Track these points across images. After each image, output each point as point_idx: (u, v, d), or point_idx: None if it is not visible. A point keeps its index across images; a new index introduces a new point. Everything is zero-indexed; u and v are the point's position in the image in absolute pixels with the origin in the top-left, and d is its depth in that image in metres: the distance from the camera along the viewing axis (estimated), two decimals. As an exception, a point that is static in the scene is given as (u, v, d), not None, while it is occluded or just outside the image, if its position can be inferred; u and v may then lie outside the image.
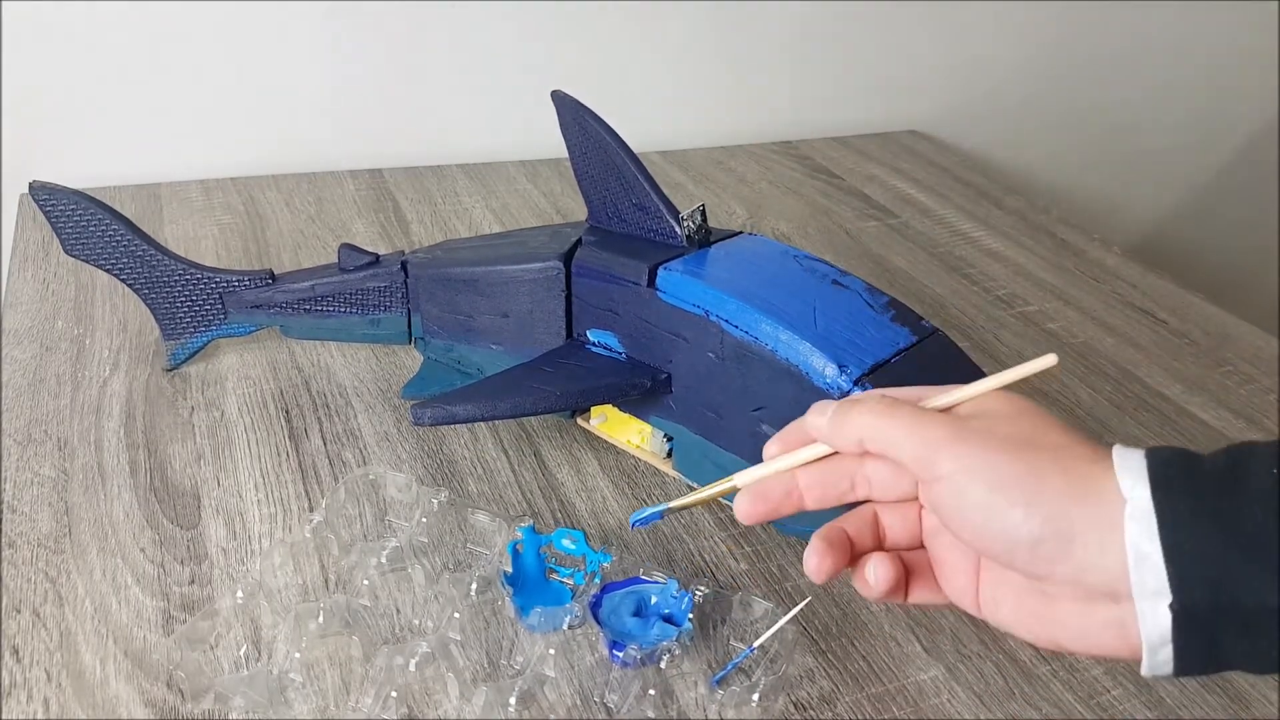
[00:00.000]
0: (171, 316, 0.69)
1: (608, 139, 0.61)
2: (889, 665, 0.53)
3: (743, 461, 0.54)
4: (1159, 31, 1.39)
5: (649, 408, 0.62)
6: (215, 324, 0.69)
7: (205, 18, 0.95)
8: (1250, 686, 0.54)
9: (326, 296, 0.68)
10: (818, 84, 1.24)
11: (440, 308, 0.67)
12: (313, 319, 0.69)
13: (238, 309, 0.69)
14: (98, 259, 0.66)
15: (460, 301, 0.66)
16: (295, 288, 0.68)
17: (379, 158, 1.06)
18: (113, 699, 0.48)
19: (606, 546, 0.58)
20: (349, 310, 0.68)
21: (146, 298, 0.68)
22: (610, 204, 0.63)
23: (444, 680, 0.50)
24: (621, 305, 0.61)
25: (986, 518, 0.34)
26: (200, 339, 0.70)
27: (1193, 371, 0.82)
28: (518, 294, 0.64)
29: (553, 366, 0.62)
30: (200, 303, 0.68)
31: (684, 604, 0.53)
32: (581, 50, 1.11)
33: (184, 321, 0.69)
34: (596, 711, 0.49)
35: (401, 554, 0.56)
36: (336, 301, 0.68)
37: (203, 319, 0.69)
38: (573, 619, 0.52)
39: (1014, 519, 0.33)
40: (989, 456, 0.34)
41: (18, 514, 0.58)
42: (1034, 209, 1.10)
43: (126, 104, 0.96)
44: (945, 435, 0.35)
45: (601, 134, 0.61)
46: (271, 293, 0.68)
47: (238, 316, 0.69)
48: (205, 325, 0.69)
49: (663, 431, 0.63)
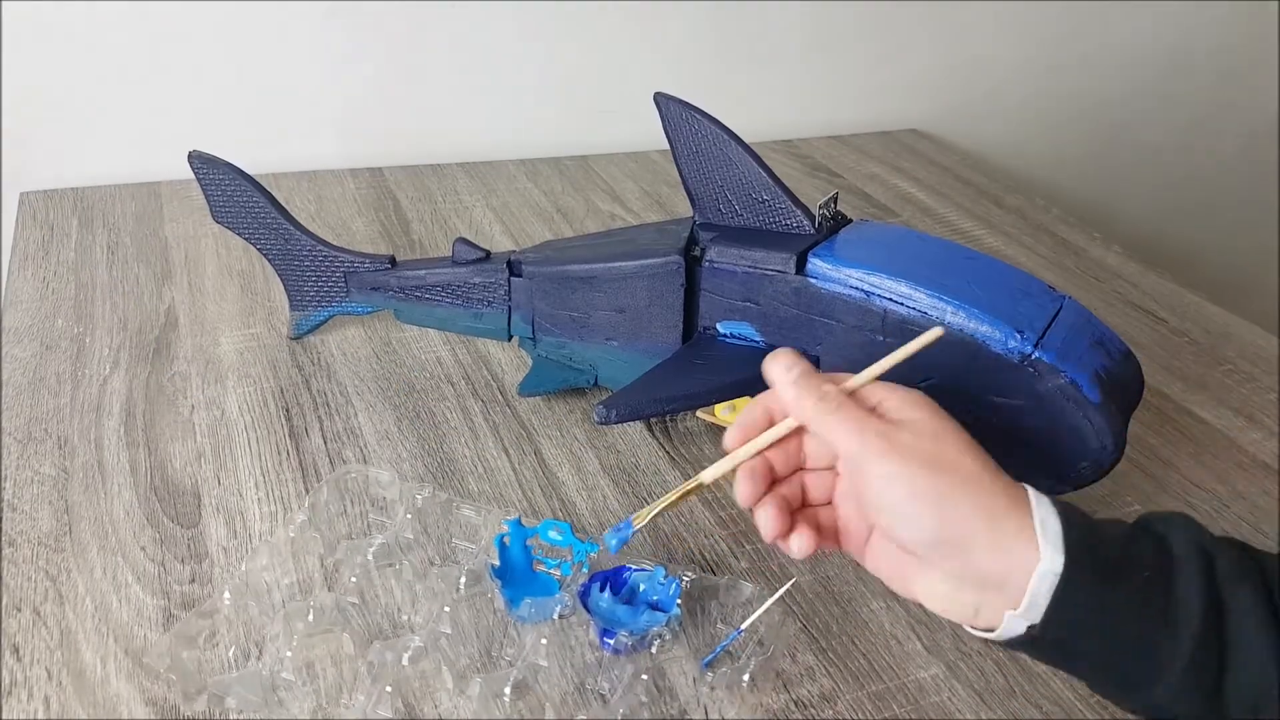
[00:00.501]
0: (299, 289, 0.73)
1: (724, 135, 0.62)
2: (889, 663, 0.53)
3: None
4: (1159, 31, 1.39)
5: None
6: (337, 301, 0.73)
7: (205, 18, 0.95)
8: (1251, 684, 0.54)
9: (437, 286, 0.70)
10: (818, 83, 1.24)
11: (553, 305, 0.68)
12: (424, 306, 0.71)
13: (359, 289, 0.72)
14: (239, 228, 0.71)
15: (575, 299, 0.66)
16: (410, 274, 0.70)
17: (379, 156, 1.06)
18: (113, 697, 0.48)
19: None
20: (455, 302, 0.70)
21: (279, 269, 0.72)
22: (725, 199, 0.64)
23: (438, 674, 0.50)
24: (763, 295, 0.61)
25: (898, 517, 0.41)
26: (323, 313, 0.74)
27: (1193, 370, 0.82)
28: (635, 289, 0.64)
29: (701, 360, 0.62)
30: (326, 279, 0.72)
31: (672, 590, 0.53)
32: (581, 50, 1.11)
33: (310, 295, 0.73)
34: (590, 698, 0.49)
35: (389, 550, 0.56)
36: (445, 292, 0.70)
37: (327, 295, 0.73)
38: (563, 609, 0.53)
39: (923, 524, 0.40)
40: (910, 471, 0.40)
41: (18, 512, 0.58)
42: (1034, 208, 1.10)
43: (126, 103, 0.96)
44: (878, 447, 0.41)
45: (717, 130, 0.62)
46: (389, 277, 0.71)
47: (358, 296, 0.72)
48: (328, 301, 0.73)
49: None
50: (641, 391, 0.60)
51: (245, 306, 0.79)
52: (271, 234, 0.71)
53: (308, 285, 0.72)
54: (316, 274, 0.72)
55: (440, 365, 0.74)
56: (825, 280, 0.59)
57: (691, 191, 0.65)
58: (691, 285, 0.63)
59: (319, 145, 1.04)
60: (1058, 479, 0.55)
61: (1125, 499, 0.67)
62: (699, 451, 0.67)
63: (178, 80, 0.97)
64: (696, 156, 0.64)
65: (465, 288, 0.69)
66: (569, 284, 0.66)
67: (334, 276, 0.72)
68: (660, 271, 0.63)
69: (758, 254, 0.60)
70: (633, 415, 0.60)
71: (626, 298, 0.65)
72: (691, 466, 0.66)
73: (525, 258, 0.68)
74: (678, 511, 0.62)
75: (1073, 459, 0.54)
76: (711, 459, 0.67)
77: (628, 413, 0.60)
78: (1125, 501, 0.67)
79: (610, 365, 0.67)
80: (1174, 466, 0.71)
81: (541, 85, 1.11)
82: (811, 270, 0.59)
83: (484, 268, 0.68)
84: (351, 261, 0.71)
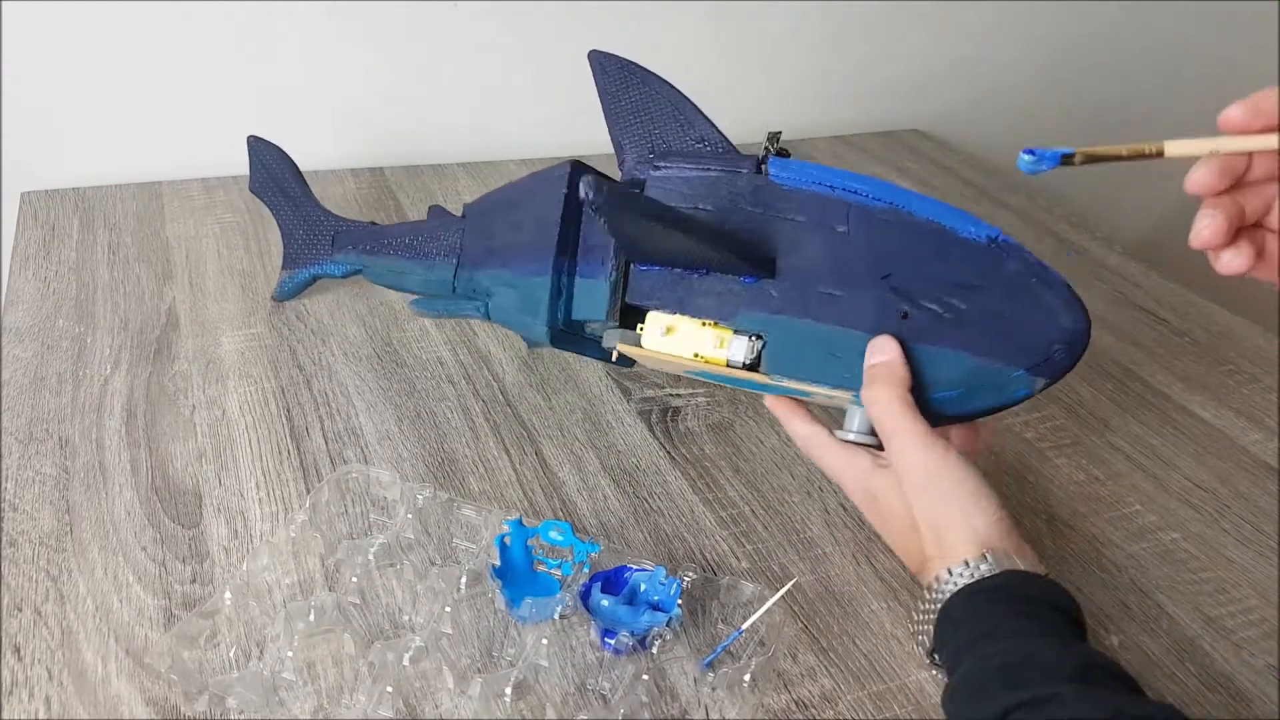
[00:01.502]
0: (292, 247, 0.78)
1: (661, 81, 0.61)
2: (890, 663, 0.53)
3: (866, 335, 0.54)
4: (1159, 31, 1.39)
5: (738, 305, 0.57)
6: (322, 260, 0.76)
7: (206, 18, 0.95)
8: (1251, 685, 0.54)
9: (400, 239, 0.71)
10: (819, 83, 1.24)
11: (476, 237, 0.67)
12: (385, 259, 0.72)
13: (340, 249, 0.75)
14: (265, 196, 0.78)
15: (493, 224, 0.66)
16: (381, 230, 0.74)
17: (380, 156, 1.06)
18: (114, 697, 0.48)
19: (606, 541, 0.58)
20: (413, 255, 0.70)
21: (283, 230, 0.78)
22: (660, 149, 0.61)
23: (438, 674, 0.50)
24: (716, 197, 0.58)
25: None
26: (306, 272, 0.77)
27: (1194, 370, 0.82)
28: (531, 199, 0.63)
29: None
30: (317, 238, 0.77)
31: (672, 590, 0.53)
32: (582, 50, 1.10)
33: (299, 253, 0.77)
34: (591, 698, 0.49)
35: (389, 550, 0.56)
36: (406, 245, 0.71)
37: (314, 253, 0.77)
38: (564, 609, 0.53)
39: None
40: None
41: (19, 512, 0.58)
42: (1036, 207, 1.10)
43: (127, 103, 0.96)
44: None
45: (653, 78, 0.61)
46: (364, 233, 0.74)
47: (339, 256, 0.75)
48: (313, 259, 0.77)
49: (751, 332, 0.56)
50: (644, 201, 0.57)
51: (246, 306, 0.79)
52: (289, 200, 0.77)
53: (299, 243, 0.77)
54: (310, 233, 0.77)
55: (441, 365, 0.74)
56: (787, 179, 0.57)
57: (623, 148, 0.63)
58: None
59: (319, 145, 1.04)
60: (1034, 368, 0.53)
61: (1126, 499, 0.67)
62: (699, 451, 0.67)
63: (178, 80, 0.97)
64: (628, 110, 0.62)
65: (423, 239, 0.69)
66: (490, 212, 0.66)
67: (324, 236, 0.76)
68: (550, 175, 0.62)
69: (714, 164, 0.58)
70: (623, 207, 0.52)
71: (521, 212, 0.64)
72: (692, 466, 0.66)
73: (468, 208, 0.69)
74: (678, 511, 0.62)
75: (1045, 340, 0.53)
76: (712, 458, 0.67)
77: (617, 201, 0.52)
78: (1126, 502, 0.67)
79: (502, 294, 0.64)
80: (1175, 466, 0.71)
81: (541, 85, 1.11)
82: (772, 171, 0.57)
83: (443, 219, 0.69)
84: (341, 223, 0.76)
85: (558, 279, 0.61)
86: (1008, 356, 0.53)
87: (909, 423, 0.51)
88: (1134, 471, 0.70)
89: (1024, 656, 0.43)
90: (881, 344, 0.53)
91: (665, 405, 0.72)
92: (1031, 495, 0.67)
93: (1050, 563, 0.62)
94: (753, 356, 0.56)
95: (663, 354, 0.58)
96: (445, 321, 0.79)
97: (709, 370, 0.58)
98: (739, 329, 0.56)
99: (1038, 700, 0.41)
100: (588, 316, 0.60)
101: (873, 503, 0.54)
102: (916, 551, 0.52)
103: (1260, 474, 0.71)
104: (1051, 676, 0.42)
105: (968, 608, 0.47)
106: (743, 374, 0.57)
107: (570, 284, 0.61)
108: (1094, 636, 0.57)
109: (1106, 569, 0.61)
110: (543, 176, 0.64)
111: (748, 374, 0.56)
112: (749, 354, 0.56)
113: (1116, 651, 0.56)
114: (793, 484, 0.65)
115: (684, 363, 0.58)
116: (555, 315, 0.61)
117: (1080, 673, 0.42)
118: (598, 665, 0.51)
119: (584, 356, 0.64)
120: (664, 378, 0.74)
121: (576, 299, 0.61)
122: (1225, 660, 0.56)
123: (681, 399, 0.72)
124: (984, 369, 0.53)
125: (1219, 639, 0.57)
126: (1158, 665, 0.55)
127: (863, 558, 0.60)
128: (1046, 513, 0.66)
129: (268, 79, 1.00)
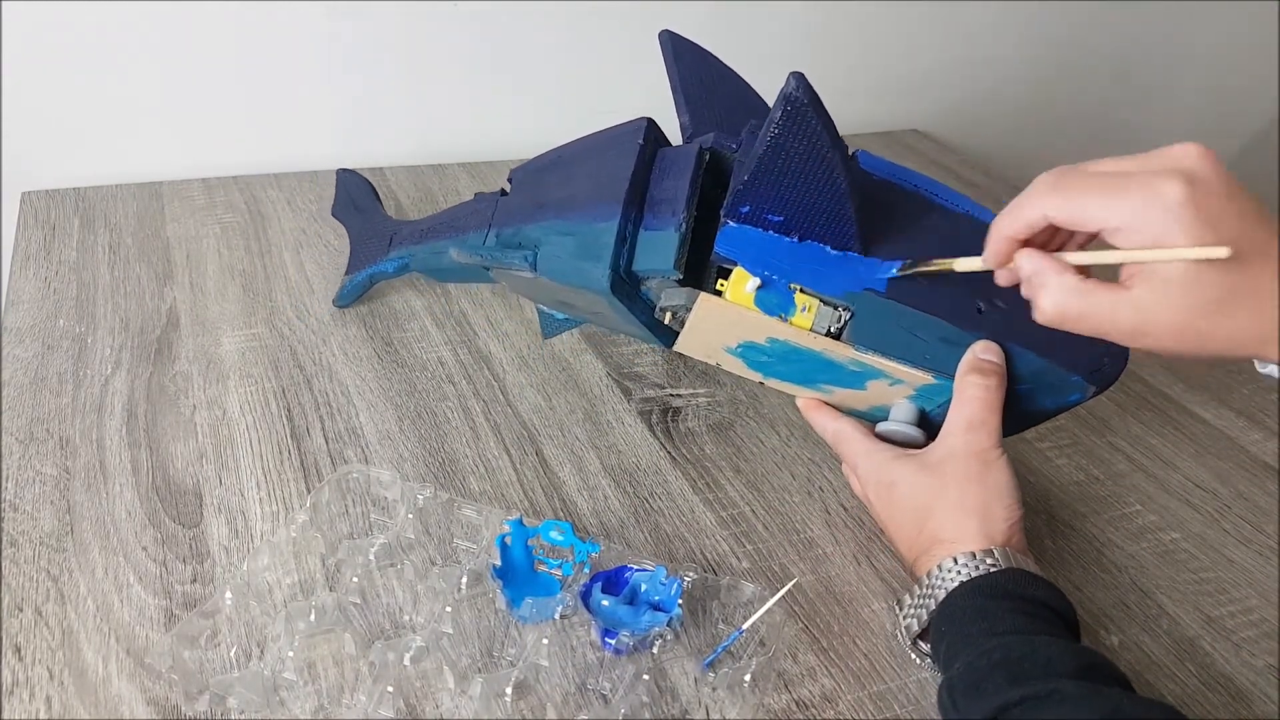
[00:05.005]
0: (358, 253, 0.80)
1: (729, 70, 0.64)
2: (890, 663, 0.53)
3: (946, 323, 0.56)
4: (1159, 31, 1.39)
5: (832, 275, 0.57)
6: (378, 259, 0.78)
7: (206, 18, 0.94)
8: (1251, 685, 0.54)
9: (442, 223, 0.73)
10: (820, 83, 1.23)
11: (522, 197, 0.66)
12: (428, 244, 0.73)
13: (394, 247, 0.77)
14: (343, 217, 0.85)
15: (546, 179, 0.66)
16: (426, 218, 0.76)
17: (380, 156, 1.06)
18: (115, 697, 0.48)
19: (607, 541, 0.58)
20: (452, 233, 0.71)
21: (353, 240, 0.82)
22: (730, 129, 0.62)
23: (439, 674, 0.50)
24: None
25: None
26: (363, 274, 0.78)
27: (1194, 370, 0.82)
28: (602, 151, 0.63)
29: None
30: (377, 242, 0.79)
31: (673, 590, 0.53)
32: (582, 50, 1.11)
33: (362, 257, 0.80)
34: (592, 698, 0.49)
35: (390, 550, 0.56)
36: (446, 226, 0.72)
37: (372, 255, 0.79)
38: (564, 609, 0.53)
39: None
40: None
41: (20, 512, 0.58)
42: (1035, 208, 1.09)
43: (127, 103, 0.96)
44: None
45: (723, 65, 0.64)
46: (412, 227, 0.76)
47: (392, 253, 0.76)
48: (371, 260, 0.78)
49: (842, 305, 0.57)
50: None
51: (247, 306, 0.79)
52: (360, 214, 0.83)
53: (363, 247, 0.80)
54: (372, 236, 0.80)
55: (442, 365, 0.74)
56: (872, 166, 0.61)
57: (695, 124, 0.65)
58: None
59: (319, 145, 1.04)
60: (1088, 375, 0.56)
61: (1127, 499, 0.67)
62: (699, 451, 0.67)
63: (178, 80, 0.97)
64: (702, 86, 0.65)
65: (462, 217, 0.70)
66: (546, 170, 0.66)
67: (383, 238, 0.78)
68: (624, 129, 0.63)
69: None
70: (819, 112, 0.58)
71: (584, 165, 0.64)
72: (692, 466, 0.66)
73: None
74: (678, 511, 0.62)
75: (1097, 350, 0.55)
76: (712, 458, 0.67)
77: (817, 102, 0.58)
78: (1126, 502, 0.67)
79: (555, 243, 0.61)
80: (1175, 467, 0.71)
81: (541, 85, 1.11)
82: (862, 162, 0.61)
83: (482, 196, 0.71)
84: (400, 225, 0.78)
85: (624, 225, 0.59)
86: (1066, 361, 0.56)
87: (997, 419, 0.55)
88: (1134, 471, 0.70)
89: (1025, 652, 0.44)
90: (993, 347, 0.56)
91: (666, 405, 0.72)
92: (1031, 495, 0.67)
93: (1050, 563, 0.62)
94: (839, 326, 0.57)
95: (738, 314, 0.57)
96: (445, 321, 0.79)
97: (783, 337, 0.57)
98: (827, 299, 0.57)
99: (1038, 696, 0.41)
100: (651, 267, 0.58)
101: (888, 490, 0.56)
102: (918, 539, 0.53)
103: (1260, 474, 0.71)
104: (1052, 673, 0.42)
105: (969, 602, 0.48)
106: (823, 343, 0.57)
107: (634, 235, 0.59)
108: (1094, 636, 0.57)
109: (1107, 569, 0.62)
110: (613, 131, 0.64)
111: (829, 343, 0.57)
112: (835, 323, 0.57)
113: (1116, 651, 0.56)
114: (793, 484, 0.65)
115: (759, 325, 0.57)
116: (619, 259, 0.59)
117: (1081, 670, 0.42)
118: (598, 665, 0.51)
119: (629, 319, 0.61)
120: (664, 378, 0.75)
121: (640, 250, 0.59)
122: (1225, 660, 0.56)
123: (682, 399, 0.73)
124: (1048, 370, 0.56)
125: (1219, 639, 0.57)
126: (1158, 665, 0.55)
127: (863, 558, 0.60)
128: (1046, 513, 0.66)
129: (268, 79, 1.00)
